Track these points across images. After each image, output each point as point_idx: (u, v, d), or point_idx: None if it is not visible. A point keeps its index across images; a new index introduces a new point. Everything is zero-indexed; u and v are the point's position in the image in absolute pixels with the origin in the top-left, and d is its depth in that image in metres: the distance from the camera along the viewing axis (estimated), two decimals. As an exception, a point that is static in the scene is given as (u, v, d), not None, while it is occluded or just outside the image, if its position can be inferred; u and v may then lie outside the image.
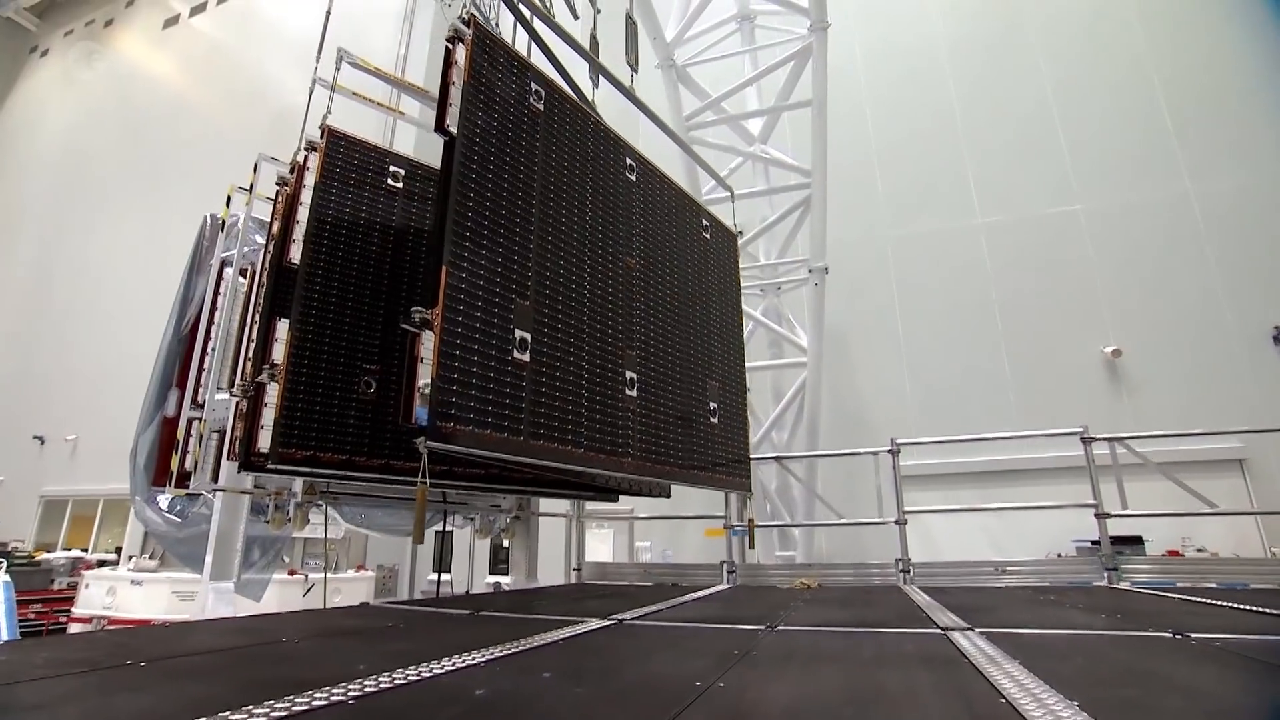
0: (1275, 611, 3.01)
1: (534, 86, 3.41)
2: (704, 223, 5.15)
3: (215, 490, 4.44)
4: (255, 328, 4.10)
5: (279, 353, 3.56)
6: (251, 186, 4.87)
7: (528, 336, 3.01)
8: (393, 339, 3.89)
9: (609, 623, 3.00)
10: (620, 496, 5.46)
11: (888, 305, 11.03)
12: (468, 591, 6.77)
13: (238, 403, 4.01)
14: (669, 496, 5.21)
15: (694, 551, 9.77)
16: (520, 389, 2.92)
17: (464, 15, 3.01)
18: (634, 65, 5.42)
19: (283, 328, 3.62)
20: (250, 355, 4.07)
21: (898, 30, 12.53)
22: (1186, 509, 5.49)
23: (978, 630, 2.60)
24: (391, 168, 4.24)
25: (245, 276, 5.18)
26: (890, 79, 12.25)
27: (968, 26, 12.08)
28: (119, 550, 12.17)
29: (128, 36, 22.58)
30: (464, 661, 1.98)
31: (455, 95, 2.85)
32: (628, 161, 4.21)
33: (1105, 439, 5.51)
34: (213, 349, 5.01)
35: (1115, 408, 9.36)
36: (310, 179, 3.87)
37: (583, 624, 2.93)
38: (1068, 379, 9.73)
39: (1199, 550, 7.91)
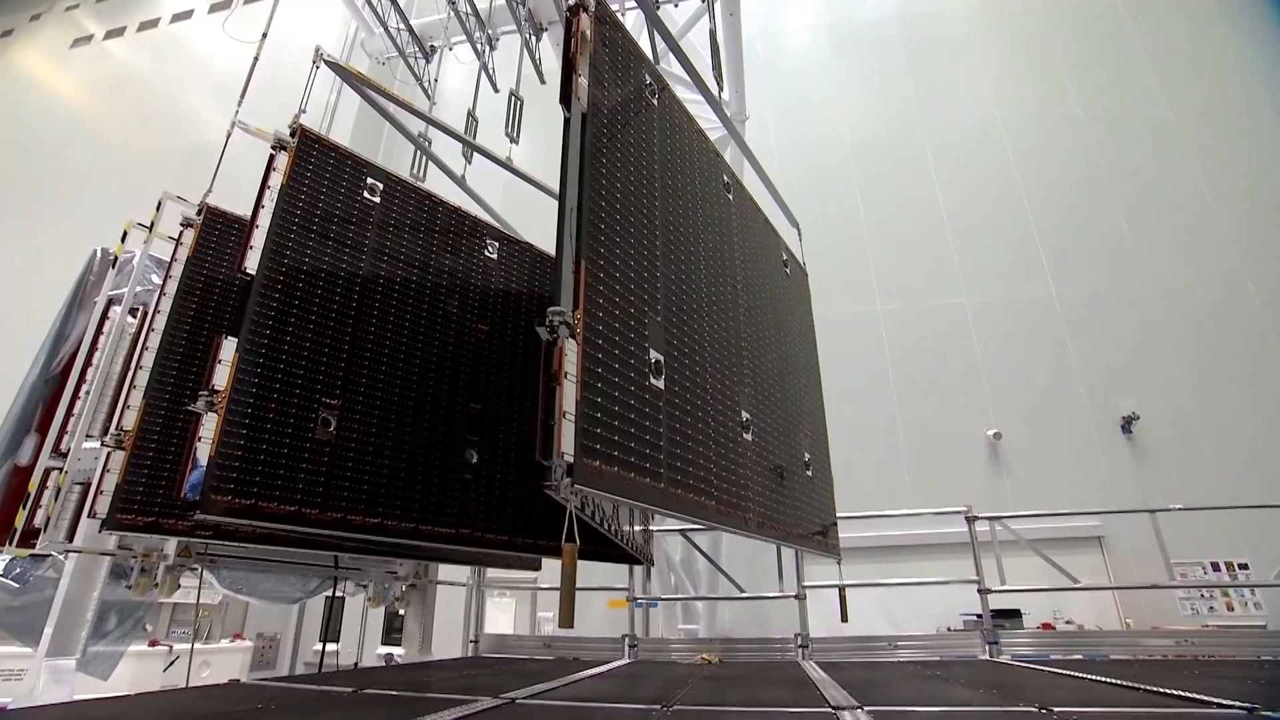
0: (1125, 683, 3.28)
1: (648, 79, 3.09)
2: (784, 257, 4.83)
3: (69, 551, 3.99)
4: (135, 374, 3.83)
5: (221, 377, 2.97)
6: (152, 224, 4.64)
7: (661, 359, 2.57)
8: (359, 371, 3.46)
9: (500, 702, 2.88)
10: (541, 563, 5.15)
11: (795, 381, 11.56)
12: (356, 664, 6.29)
13: (109, 452, 3.69)
14: (653, 564, 4.83)
15: (597, 623, 9.49)
16: (658, 423, 2.47)
17: None
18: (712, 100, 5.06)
19: (229, 347, 3.03)
20: (127, 403, 3.78)
21: (809, 130, 13.72)
22: (1056, 583, 5.93)
23: (866, 709, 2.68)
24: (369, 179, 3.83)
25: (135, 316, 4.86)
26: (801, 174, 13.29)
27: (870, 133, 13.40)
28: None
29: (27, 51, 21.22)
30: (338, 749, 1.85)
31: (582, 66, 2.53)
32: (724, 179, 3.87)
33: (986, 518, 5.94)
34: (86, 392, 4.62)
35: (996, 486, 10.10)
36: (276, 180, 3.40)
37: (473, 704, 2.79)
38: (955, 458, 10.45)
39: (1068, 623, 8.52)
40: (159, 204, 4.62)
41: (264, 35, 5.05)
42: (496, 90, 6.58)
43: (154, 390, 3.71)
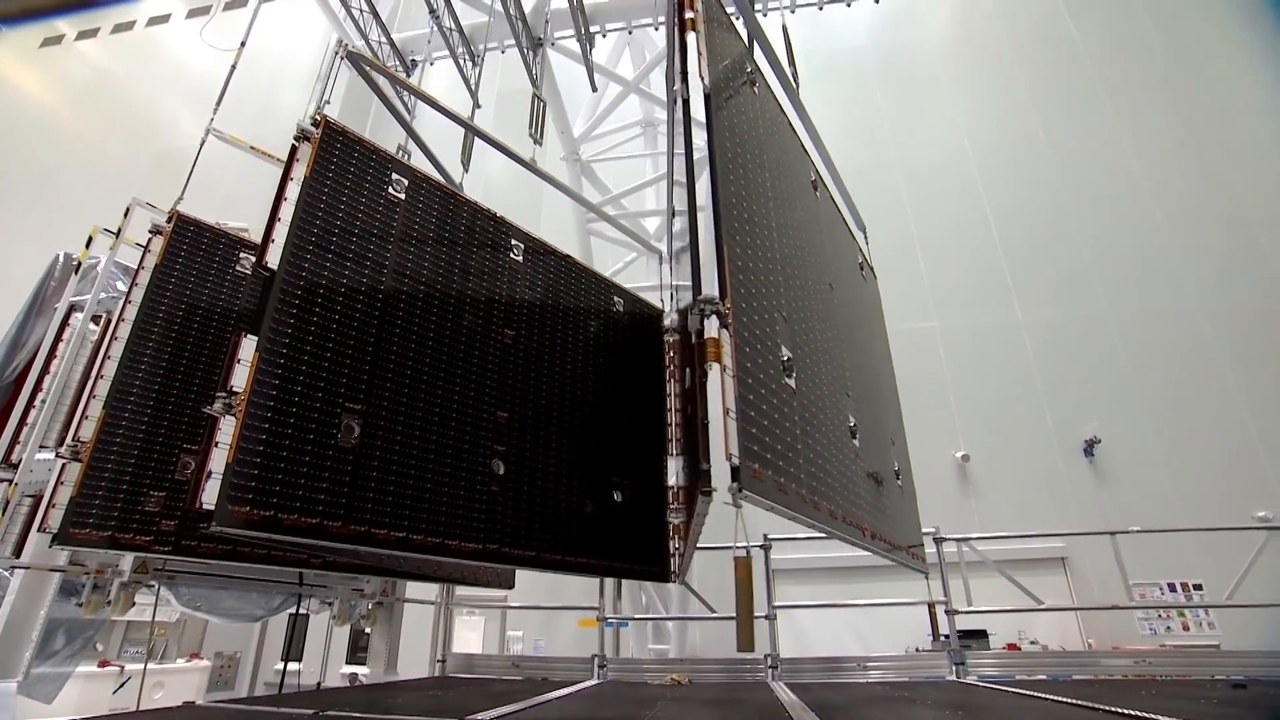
0: (1085, 704, 3.34)
1: (748, 67, 2.92)
2: (859, 260, 4.60)
3: (15, 567, 3.83)
4: (95, 383, 3.72)
5: (240, 378, 2.71)
6: (119, 230, 4.54)
7: (791, 356, 2.38)
8: (383, 373, 3.26)
9: (468, 725, 2.83)
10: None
11: (769, 400, 11.67)
12: (319, 684, 6.11)
13: (64, 464, 3.57)
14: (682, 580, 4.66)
15: (568, 642, 9.40)
16: (794, 424, 2.25)
17: None
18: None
19: (248, 346, 2.75)
20: (85, 413, 3.67)
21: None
22: (1021, 604, 6.03)
23: (833, 729, 2.70)
24: (394, 175, 3.68)
25: (97, 324, 4.74)
26: (779, 195, 13.56)
27: (844, 160, 13.61)
28: None
29: (-5, 49, 20.72)
30: (297, 774, 1.80)
31: (701, 45, 2.37)
32: (811, 177, 3.71)
33: (954, 539, 6.04)
34: (42, 400, 4.47)
35: (963, 508, 10.26)
36: (300, 171, 3.23)
37: (439, 726, 2.74)
38: (923, 480, 10.51)
39: (1032, 643, 8.65)
40: (127, 210, 4.53)
41: (242, 44, 5.02)
42: (479, 106, 6.61)
43: (115, 401, 3.60)
